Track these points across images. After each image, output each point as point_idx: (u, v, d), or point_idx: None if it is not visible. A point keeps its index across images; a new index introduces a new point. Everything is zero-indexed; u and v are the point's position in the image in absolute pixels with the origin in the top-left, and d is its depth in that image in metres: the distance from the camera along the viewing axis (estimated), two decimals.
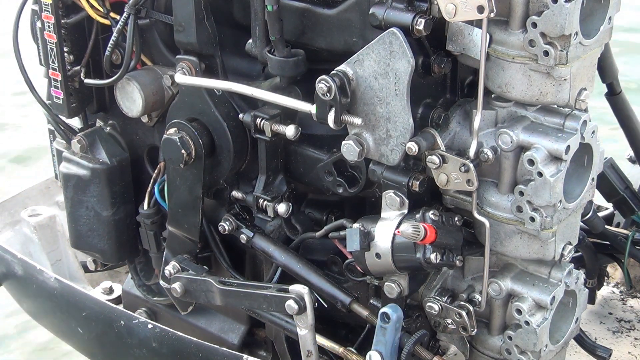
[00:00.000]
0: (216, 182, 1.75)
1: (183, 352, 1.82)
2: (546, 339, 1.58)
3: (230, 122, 1.67)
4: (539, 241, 1.51)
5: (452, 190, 1.54)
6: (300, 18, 1.56)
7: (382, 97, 1.43)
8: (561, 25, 1.32)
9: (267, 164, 1.68)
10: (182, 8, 1.61)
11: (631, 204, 2.22)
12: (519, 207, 1.46)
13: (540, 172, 1.40)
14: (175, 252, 1.84)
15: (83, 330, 2.10)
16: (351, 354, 1.72)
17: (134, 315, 1.95)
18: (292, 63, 1.57)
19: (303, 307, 1.59)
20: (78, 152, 1.93)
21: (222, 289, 1.69)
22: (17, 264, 2.16)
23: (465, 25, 1.41)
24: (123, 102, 1.84)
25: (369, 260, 1.53)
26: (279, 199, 1.69)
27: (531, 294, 1.56)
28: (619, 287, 2.58)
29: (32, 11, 1.90)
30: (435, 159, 1.45)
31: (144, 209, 1.89)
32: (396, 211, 1.52)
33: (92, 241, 1.98)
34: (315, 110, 1.47)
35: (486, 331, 1.66)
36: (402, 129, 1.44)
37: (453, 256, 1.50)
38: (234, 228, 1.75)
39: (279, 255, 1.72)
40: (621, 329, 2.41)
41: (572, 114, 1.45)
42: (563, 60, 1.36)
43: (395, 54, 1.38)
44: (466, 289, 1.63)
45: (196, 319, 2.01)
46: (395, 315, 1.55)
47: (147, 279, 2.09)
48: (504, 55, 1.40)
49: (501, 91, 1.45)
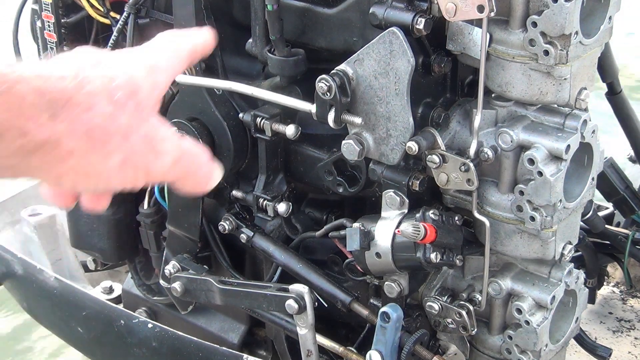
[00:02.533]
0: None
1: (183, 352, 1.82)
2: (546, 338, 1.58)
3: (230, 121, 1.66)
4: (539, 240, 1.51)
5: (452, 190, 1.54)
6: (301, 17, 1.56)
7: (382, 97, 1.43)
8: (561, 25, 1.32)
9: (267, 163, 1.68)
10: (182, 7, 1.61)
11: (631, 204, 2.22)
12: (519, 206, 1.46)
13: (540, 172, 1.40)
14: (175, 252, 1.84)
15: (83, 330, 2.10)
16: (351, 353, 1.72)
17: (134, 315, 1.95)
18: (292, 62, 1.57)
19: (303, 307, 1.59)
20: None
21: (222, 289, 1.69)
22: (17, 264, 2.16)
23: (466, 24, 1.41)
24: None
25: (369, 260, 1.53)
26: (279, 198, 1.69)
27: (531, 293, 1.56)
28: (619, 286, 2.58)
29: (32, 10, 1.90)
30: (436, 159, 1.45)
31: (144, 208, 1.89)
32: (396, 210, 1.52)
33: (92, 241, 1.98)
34: (315, 110, 1.47)
35: (486, 331, 1.66)
36: (402, 128, 1.44)
37: (453, 255, 1.50)
38: (234, 227, 1.75)
39: (279, 254, 1.72)
40: (621, 328, 2.41)
41: (572, 113, 1.45)
42: (563, 59, 1.36)
43: (396, 54, 1.38)
44: (466, 289, 1.63)
45: (196, 318, 2.01)
46: (395, 315, 1.55)
47: (147, 279, 2.09)
48: (504, 55, 1.40)
49: (501, 90, 1.45)
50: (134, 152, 0.85)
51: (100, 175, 0.84)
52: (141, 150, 0.86)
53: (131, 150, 0.85)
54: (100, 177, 0.85)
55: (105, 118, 0.82)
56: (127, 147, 0.85)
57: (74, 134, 0.80)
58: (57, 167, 0.81)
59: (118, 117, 0.83)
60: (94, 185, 0.85)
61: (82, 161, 0.82)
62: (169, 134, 0.90)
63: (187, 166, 0.92)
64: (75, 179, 0.84)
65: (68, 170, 0.82)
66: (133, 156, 0.85)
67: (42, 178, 0.84)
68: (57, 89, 0.79)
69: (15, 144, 0.77)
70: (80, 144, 0.80)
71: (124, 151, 0.84)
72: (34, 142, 0.78)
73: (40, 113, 0.77)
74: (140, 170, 0.87)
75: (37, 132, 0.77)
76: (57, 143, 0.79)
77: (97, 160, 0.83)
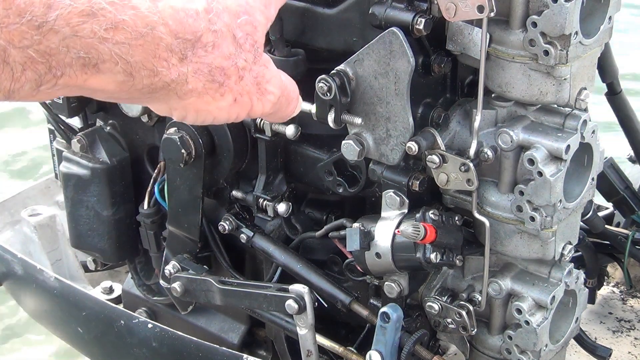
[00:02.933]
0: (216, 182, 1.75)
1: (183, 352, 1.82)
2: (546, 338, 1.58)
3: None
4: (539, 241, 1.51)
5: (452, 190, 1.54)
6: (300, 17, 1.56)
7: (382, 97, 1.43)
8: (561, 25, 1.32)
9: (267, 163, 1.68)
10: None
11: (631, 204, 2.22)
12: (519, 206, 1.46)
13: (540, 172, 1.40)
14: (175, 252, 1.83)
15: (83, 330, 2.10)
16: (351, 353, 1.72)
17: (134, 315, 1.95)
18: (292, 62, 1.57)
19: (303, 307, 1.59)
20: (78, 151, 1.93)
21: (222, 289, 1.69)
22: (17, 264, 2.16)
23: (466, 24, 1.41)
24: None
25: (369, 260, 1.53)
26: (279, 198, 1.69)
27: (531, 293, 1.56)
28: (619, 287, 2.58)
29: None
30: (435, 159, 1.45)
31: (144, 208, 1.89)
32: (396, 211, 1.52)
33: (92, 241, 1.98)
34: (315, 110, 1.47)
35: (486, 331, 1.66)
36: (402, 128, 1.44)
37: (453, 256, 1.50)
38: (234, 228, 1.75)
39: (279, 254, 1.72)
40: (621, 328, 2.40)
41: (572, 113, 1.45)
42: (563, 59, 1.36)
43: (395, 54, 1.38)
44: (466, 289, 1.63)
45: (196, 318, 2.01)
46: (395, 315, 1.55)
47: (147, 279, 2.09)
48: (504, 55, 1.40)
49: (501, 91, 1.45)
50: (244, 92, 0.90)
51: (210, 112, 0.89)
52: (250, 91, 0.91)
53: (242, 90, 0.90)
54: (209, 114, 0.90)
55: (226, 58, 0.86)
56: (239, 87, 0.89)
57: (198, 75, 0.84)
58: (174, 102, 0.86)
59: (238, 57, 0.87)
60: (202, 119, 0.90)
61: (197, 100, 0.86)
62: (275, 73, 0.95)
63: (282, 103, 0.98)
64: (185, 113, 0.89)
65: (183, 105, 0.87)
66: (243, 96, 0.90)
67: (155, 109, 0.89)
68: (190, 30, 0.82)
69: (144, 82, 0.81)
70: (200, 85, 0.85)
71: (236, 91, 0.89)
72: (162, 81, 0.82)
73: (172, 55, 0.82)
74: (245, 108, 0.92)
75: (167, 73, 0.82)
76: (182, 83, 0.84)
77: (211, 99, 0.87)
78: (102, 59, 0.78)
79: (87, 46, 0.77)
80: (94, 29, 0.76)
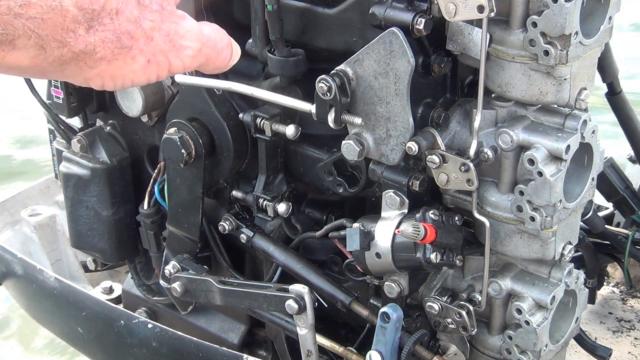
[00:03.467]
0: (216, 182, 1.75)
1: (183, 352, 1.82)
2: (546, 338, 1.58)
3: (230, 121, 1.66)
4: (539, 241, 1.51)
5: (452, 190, 1.54)
6: (300, 17, 1.56)
7: (382, 97, 1.43)
8: (561, 25, 1.32)
9: (267, 163, 1.68)
10: (182, 7, 1.60)
11: (631, 204, 2.22)
12: (519, 206, 1.46)
13: (540, 172, 1.40)
14: (175, 252, 1.84)
15: (83, 330, 2.10)
16: (351, 353, 1.72)
17: (134, 315, 1.95)
18: (292, 63, 1.57)
19: (303, 307, 1.59)
20: (78, 151, 1.93)
21: (222, 289, 1.69)
22: (17, 264, 2.16)
23: (466, 24, 1.41)
24: (123, 101, 1.84)
25: (369, 260, 1.53)
26: (279, 198, 1.69)
27: (531, 293, 1.56)
28: (619, 287, 2.58)
29: None
30: (436, 159, 1.45)
31: (144, 208, 1.89)
32: (396, 211, 1.52)
33: (92, 241, 1.98)
34: (315, 110, 1.47)
35: (486, 331, 1.66)
36: (402, 128, 1.44)
37: (453, 256, 1.50)
38: (234, 228, 1.75)
39: (279, 254, 1.72)
40: (621, 328, 2.41)
41: (572, 113, 1.45)
42: (563, 59, 1.36)
43: (395, 54, 1.38)
44: (466, 289, 1.63)
45: (196, 318, 2.01)
46: (395, 315, 1.55)
47: (147, 279, 2.09)
48: (504, 55, 1.40)
49: (501, 91, 1.45)
50: (157, 52, 0.93)
51: (126, 77, 0.92)
52: (164, 49, 0.93)
53: (154, 51, 0.92)
54: (126, 78, 0.92)
55: (132, 22, 0.89)
56: (151, 48, 0.92)
57: (106, 43, 0.87)
58: (87, 72, 0.89)
59: (144, 19, 0.90)
60: (120, 85, 0.93)
61: (109, 66, 0.89)
62: (190, 27, 0.97)
63: (207, 54, 0.99)
64: (102, 81, 0.92)
65: (97, 74, 0.90)
66: (156, 56, 0.93)
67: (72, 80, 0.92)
68: (94, 0, 0.86)
69: (54, 54, 0.85)
70: (108, 52, 0.88)
71: (147, 53, 0.92)
72: (72, 52, 0.86)
73: (79, 26, 0.85)
74: (162, 67, 0.94)
75: (75, 43, 0.85)
76: (90, 52, 0.87)
77: (122, 64, 0.90)
78: (17, 34, 0.82)
79: (4, 23, 0.81)
80: (10, 6, 0.80)
